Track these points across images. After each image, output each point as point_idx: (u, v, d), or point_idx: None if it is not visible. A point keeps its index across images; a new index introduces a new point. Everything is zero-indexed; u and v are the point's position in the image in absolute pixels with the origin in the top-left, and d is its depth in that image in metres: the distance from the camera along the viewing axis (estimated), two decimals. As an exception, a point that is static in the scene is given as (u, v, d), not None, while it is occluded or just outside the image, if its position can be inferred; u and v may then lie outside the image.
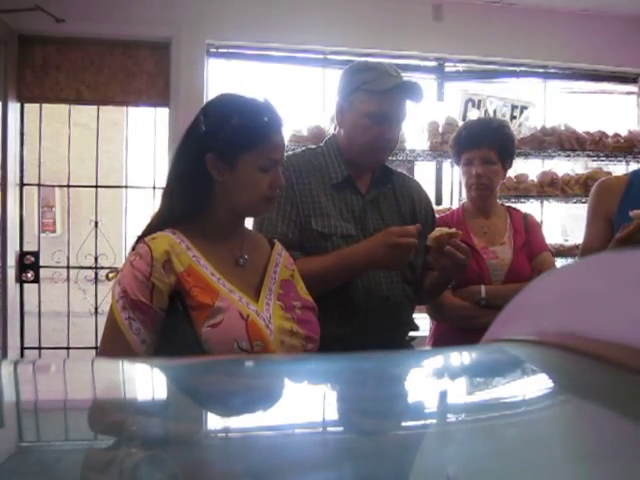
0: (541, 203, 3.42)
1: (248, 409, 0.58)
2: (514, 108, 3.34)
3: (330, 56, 3.35)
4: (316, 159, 1.60)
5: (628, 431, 0.43)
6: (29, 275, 3.11)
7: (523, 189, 3.26)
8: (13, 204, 3.04)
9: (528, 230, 1.91)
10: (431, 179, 3.46)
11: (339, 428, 0.57)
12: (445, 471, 0.48)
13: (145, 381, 0.69)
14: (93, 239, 3.22)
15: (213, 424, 0.58)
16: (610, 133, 3.38)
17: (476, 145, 1.84)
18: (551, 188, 3.31)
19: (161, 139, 3.22)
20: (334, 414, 0.59)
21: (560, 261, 3.02)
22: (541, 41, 3.41)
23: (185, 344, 1.09)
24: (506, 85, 3.60)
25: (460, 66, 3.53)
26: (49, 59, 3.08)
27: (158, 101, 3.17)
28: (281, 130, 1.21)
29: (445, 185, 3.52)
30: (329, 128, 2.94)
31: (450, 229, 1.44)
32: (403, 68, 1.74)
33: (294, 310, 1.21)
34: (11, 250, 3.01)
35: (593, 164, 3.65)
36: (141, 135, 3.61)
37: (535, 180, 3.32)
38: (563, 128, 3.33)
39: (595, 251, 1.75)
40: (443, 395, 0.65)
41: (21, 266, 3.08)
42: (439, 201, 3.41)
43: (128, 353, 1.05)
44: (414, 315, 1.69)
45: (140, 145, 3.60)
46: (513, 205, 2.17)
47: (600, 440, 0.45)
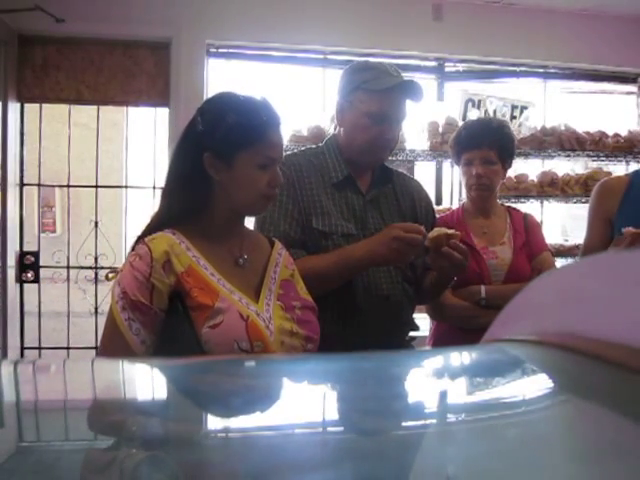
0: (541, 203, 3.42)
1: (248, 409, 0.58)
2: (514, 108, 3.34)
3: (330, 56, 3.35)
4: (316, 158, 1.60)
5: (628, 431, 0.43)
6: (29, 275, 3.11)
7: (523, 189, 3.26)
8: (13, 204, 3.04)
9: (528, 230, 1.91)
10: (431, 179, 3.46)
11: (339, 428, 0.57)
12: (445, 471, 0.48)
13: (145, 381, 0.69)
14: (93, 239, 3.22)
15: (213, 424, 0.58)
16: (610, 133, 3.38)
17: (476, 145, 1.83)
18: (551, 188, 3.31)
19: (161, 139, 3.22)
20: (334, 414, 0.59)
21: (560, 261, 3.02)
22: (541, 41, 3.41)
23: (185, 345, 1.09)
24: (506, 85, 3.60)
25: (460, 66, 3.53)
26: (49, 59, 3.08)
27: (158, 101, 3.17)
28: (278, 128, 1.20)
29: (445, 185, 3.52)
30: (329, 128, 2.94)
31: (448, 230, 1.44)
32: (403, 68, 1.74)
33: (294, 310, 1.21)
34: (11, 250, 3.01)
35: (593, 164, 3.65)
36: (141, 135, 3.61)
37: (535, 180, 3.32)
38: (563, 128, 3.33)
39: (596, 252, 1.75)
40: (443, 395, 0.65)
41: (21, 266, 3.08)
42: (439, 201, 3.40)
43: (128, 354, 1.05)
44: (414, 315, 1.69)
45: (140, 145, 3.60)
46: (513, 205, 2.17)
47: (600, 440, 0.45)
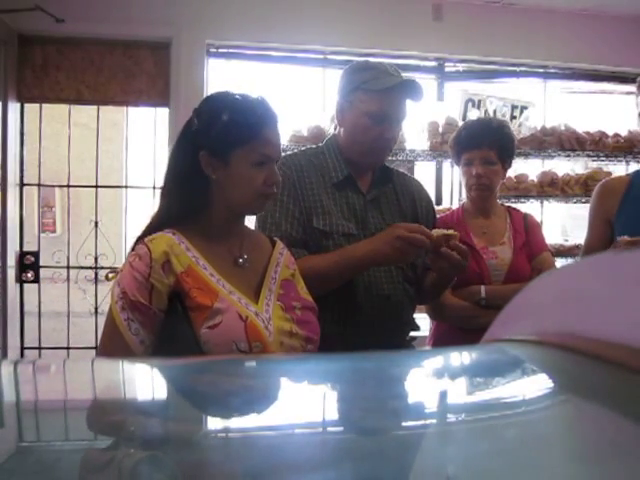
0: (541, 203, 3.42)
1: (247, 409, 0.58)
2: (514, 108, 3.34)
3: (330, 56, 3.35)
4: (317, 158, 1.60)
5: (628, 431, 0.43)
6: (29, 275, 3.11)
7: (523, 189, 3.26)
8: (13, 204, 3.04)
9: (528, 230, 1.91)
10: (431, 179, 3.46)
11: (339, 428, 0.57)
12: (445, 471, 0.48)
13: (144, 381, 0.69)
14: (93, 239, 3.22)
15: (212, 424, 0.58)
16: (610, 133, 3.38)
17: (476, 145, 1.83)
18: (551, 188, 3.31)
19: (161, 139, 3.22)
20: (334, 414, 0.59)
21: (560, 261, 3.02)
22: (541, 41, 3.41)
23: (184, 345, 1.09)
24: (506, 85, 3.60)
25: (460, 66, 3.53)
26: (49, 59, 3.08)
27: (158, 101, 3.17)
28: (275, 126, 1.20)
29: (445, 185, 3.52)
30: (329, 128, 2.94)
31: (447, 230, 1.43)
32: (403, 68, 1.74)
33: (294, 311, 1.21)
34: (11, 250, 3.01)
35: (593, 164, 3.65)
36: (141, 135, 3.61)
37: (535, 180, 3.32)
38: (563, 128, 3.33)
39: (596, 252, 1.75)
40: (443, 395, 0.65)
41: (21, 266, 3.08)
42: (439, 201, 3.40)
43: (127, 354, 1.05)
44: (415, 315, 1.69)
45: (140, 145, 3.60)
46: (513, 205, 2.17)
47: (600, 440, 0.45)
